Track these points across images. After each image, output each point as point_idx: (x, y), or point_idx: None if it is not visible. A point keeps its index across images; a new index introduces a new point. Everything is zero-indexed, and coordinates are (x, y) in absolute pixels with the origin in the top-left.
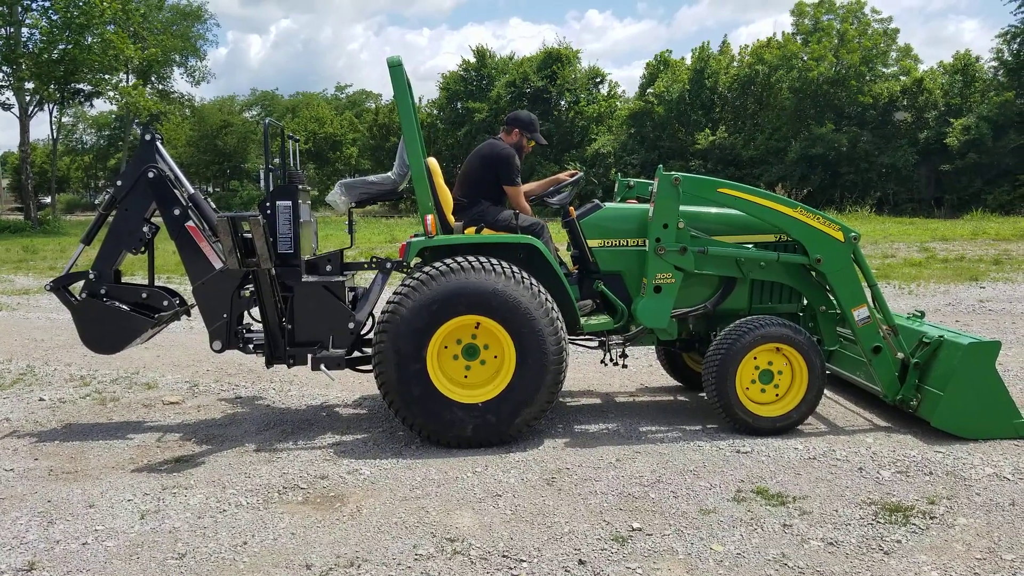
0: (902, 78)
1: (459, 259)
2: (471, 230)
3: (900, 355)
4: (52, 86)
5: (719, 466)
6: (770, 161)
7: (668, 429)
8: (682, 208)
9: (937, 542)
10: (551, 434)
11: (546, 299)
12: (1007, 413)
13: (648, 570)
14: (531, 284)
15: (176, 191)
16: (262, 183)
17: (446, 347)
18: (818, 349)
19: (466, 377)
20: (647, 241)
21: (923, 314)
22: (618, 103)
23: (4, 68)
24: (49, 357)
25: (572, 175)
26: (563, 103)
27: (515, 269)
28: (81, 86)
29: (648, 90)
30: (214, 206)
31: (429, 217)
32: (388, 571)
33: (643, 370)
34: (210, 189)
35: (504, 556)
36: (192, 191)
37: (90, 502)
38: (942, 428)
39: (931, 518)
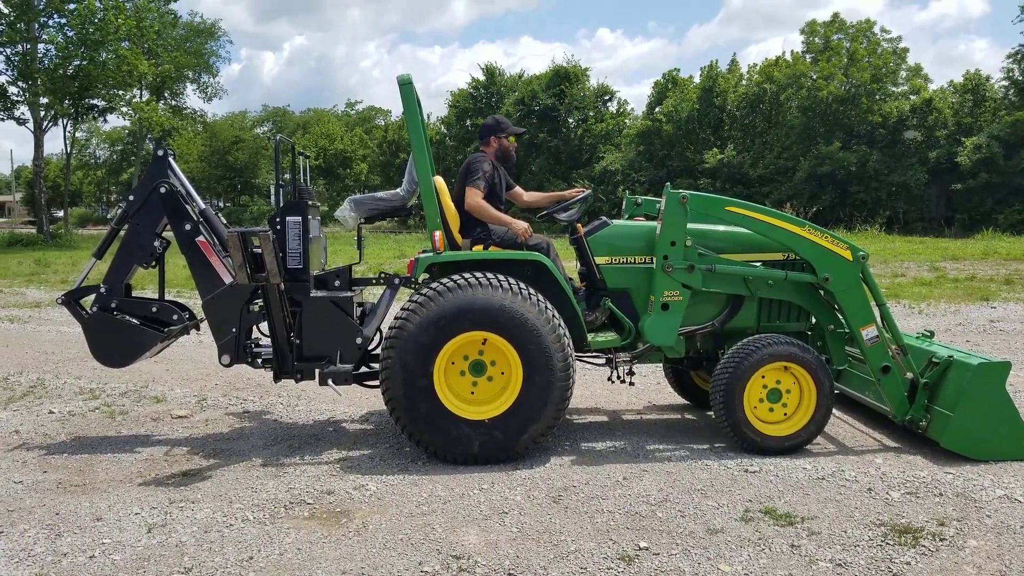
0: (912, 97)
1: (466, 275)
2: (478, 247)
3: (909, 375)
4: (66, 101)
5: (727, 485)
6: (779, 180)
7: (675, 447)
8: (690, 226)
9: (947, 564)
10: (558, 451)
11: (553, 315)
12: (1018, 434)
13: None
14: (538, 300)
15: (187, 206)
16: (273, 199)
17: (453, 363)
18: (826, 368)
19: (473, 393)
20: (654, 259)
21: (932, 334)
22: (627, 121)
23: (20, 83)
24: (59, 370)
25: (580, 191)
26: (571, 121)
27: (522, 285)
28: (95, 102)
29: (656, 108)
30: (225, 221)
31: (437, 233)
32: None
33: (651, 388)
34: (221, 204)
35: (510, 574)
36: (203, 206)
37: (98, 515)
38: (952, 449)
39: (941, 540)
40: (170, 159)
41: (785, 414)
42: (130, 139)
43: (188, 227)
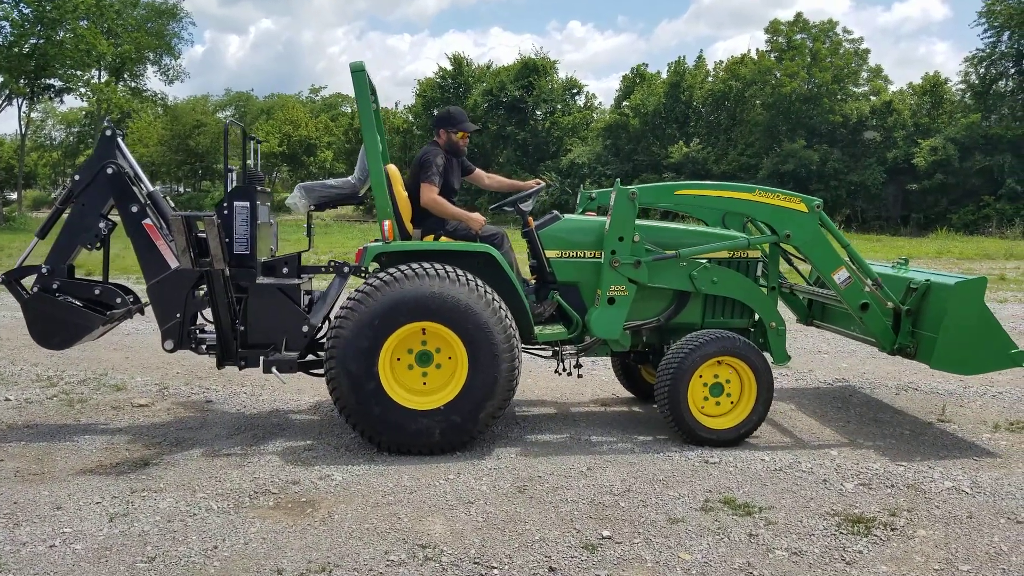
0: (872, 98)
1: (391, 270)
2: (430, 238)
3: (890, 304)
4: (22, 81)
5: (687, 476)
6: (742, 176)
7: (638, 439)
8: (642, 223)
9: (897, 553)
10: (522, 442)
11: (485, 291)
12: (1002, 345)
13: None
14: (467, 280)
15: (135, 188)
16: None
17: (399, 359)
18: (759, 352)
19: (425, 384)
20: (603, 253)
21: (907, 260)
22: (594, 115)
23: None
24: (15, 356)
25: (537, 183)
26: (539, 113)
27: (449, 269)
28: (52, 81)
29: (624, 103)
30: (173, 205)
31: (386, 223)
32: None
33: (613, 380)
34: (181, 189)
35: (475, 563)
36: (151, 189)
37: (57, 504)
38: (941, 369)
39: (892, 530)
40: (119, 140)
41: (732, 403)
42: (87, 121)
43: (135, 209)
